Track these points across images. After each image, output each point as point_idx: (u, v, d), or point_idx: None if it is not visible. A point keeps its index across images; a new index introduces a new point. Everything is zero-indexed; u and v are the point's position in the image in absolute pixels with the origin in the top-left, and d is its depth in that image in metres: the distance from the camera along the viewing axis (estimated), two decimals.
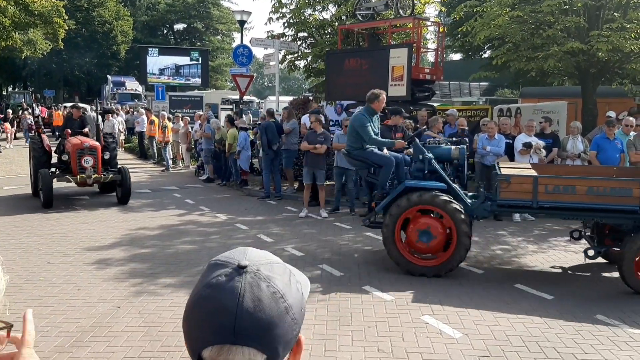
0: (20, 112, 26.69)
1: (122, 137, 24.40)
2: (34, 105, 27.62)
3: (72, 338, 5.33)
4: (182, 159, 19.22)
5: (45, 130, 17.35)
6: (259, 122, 16.18)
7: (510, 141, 11.11)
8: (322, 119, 11.66)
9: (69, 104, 34.10)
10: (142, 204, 12.52)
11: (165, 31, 63.73)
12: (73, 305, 6.22)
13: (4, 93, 59.47)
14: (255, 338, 0.91)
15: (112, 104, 31.48)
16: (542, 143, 10.96)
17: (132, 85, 38.90)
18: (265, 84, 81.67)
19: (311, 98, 18.28)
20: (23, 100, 29.30)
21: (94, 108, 16.55)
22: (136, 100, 34.82)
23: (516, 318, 5.95)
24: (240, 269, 0.95)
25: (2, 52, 32.84)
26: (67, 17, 31.04)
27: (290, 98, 20.17)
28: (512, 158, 10.95)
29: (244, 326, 0.91)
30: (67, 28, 31.44)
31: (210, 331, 0.93)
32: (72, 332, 5.46)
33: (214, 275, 0.96)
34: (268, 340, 0.92)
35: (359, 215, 11.31)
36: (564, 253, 8.74)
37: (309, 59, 19.09)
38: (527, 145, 10.70)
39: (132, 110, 25.72)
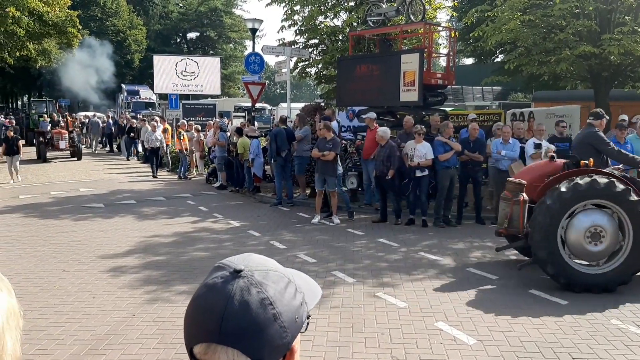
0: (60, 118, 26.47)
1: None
2: (57, 114, 27.71)
3: (87, 346, 5.38)
4: (196, 166, 19.34)
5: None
6: (271, 128, 16.27)
7: (524, 145, 11.07)
8: (332, 125, 11.65)
9: (82, 113, 34.55)
10: (157, 211, 12.61)
11: (178, 40, 64.34)
12: (88, 313, 6.27)
13: (20, 102, 60.22)
14: (240, 340, 0.94)
15: (127, 112, 31.73)
16: (553, 147, 10.91)
17: (146, 93, 39.21)
18: (277, 91, 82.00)
19: (323, 104, 18.34)
20: (45, 109, 29.49)
21: (111, 116, 16.78)
22: (150, 109, 35.10)
23: (530, 324, 5.92)
24: (236, 273, 0.99)
25: (17, 62, 33.28)
26: (80, 27, 31.39)
27: (302, 105, 20.22)
28: (525, 162, 10.91)
29: (229, 327, 0.94)
30: (81, 38, 31.82)
31: (199, 328, 0.98)
32: (88, 340, 5.51)
33: (213, 276, 1.01)
34: (253, 344, 0.94)
35: (371, 222, 11.32)
36: None
37: (320, 65, 19.16)
38: (537, 147, 10.65)
39: (146, 119, 25.88)
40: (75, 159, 24.23)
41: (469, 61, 48.13)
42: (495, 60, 32.95)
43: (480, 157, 11.13)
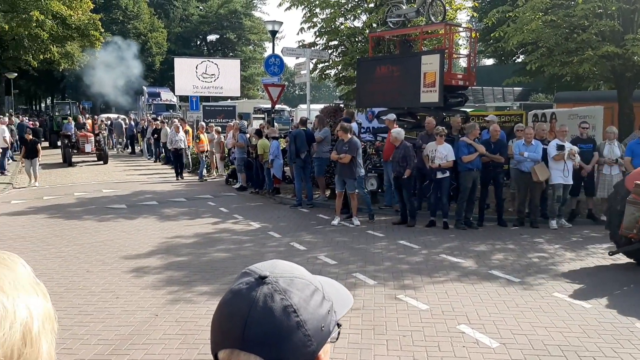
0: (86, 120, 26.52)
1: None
2: (81, 116, 27.98)
3: (111, 345, 5.44)
4: (216, 168, 19.46)
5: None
6: (290, 130, 16.31)
7: (547, 147, 10.96)
8: (350, 126, 11.62)
9: (104, 115, 34.95)
10: (178, 212, 12.71)
11: (198, 42, 64.80)
12: (112, 313, 6.35)
13: (43, 104, 61.14)
14: (262, 347, 0.94)
15: (149, 114, 31.98)
16: (576, 148, 10.80)
17: (167, 95, 39.54)
18: (296, 92, 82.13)
19: (342, 106, 18.34)
20: (68, 111, 29.85)
21: (133, 118, 16.91)
22: (171, 111, 35.38)
23: (554, 327, 5.86)
24: (260, 280, 0.99)
25: (40, 65, 33.83)
26: (103, 30, 31.78)
27: (322, 106, 20.24)
28: (547, 164, 10.82)
29: (252, 334, 0.94)
30: (103, 40, 32.21)
31: (223, 334, 0.98)
32: (111, 340, 5.57)
33: (239, 282, 1.01)
34: (275, 351, 0.94)
35: (392, 224, 11.29)
36: (603, 260, 8.57)
37: (340, 67, 19.18)
38: (560, 148, 10.55)
39: (167, 120, 26.12)
40: (102, 162, 23.56)
41: (489, 62, 47.80)
42: (516, 61, 32.66)
43: (501, 159, 11.04)
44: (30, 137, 18.02)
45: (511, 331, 5.75)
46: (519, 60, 31.43)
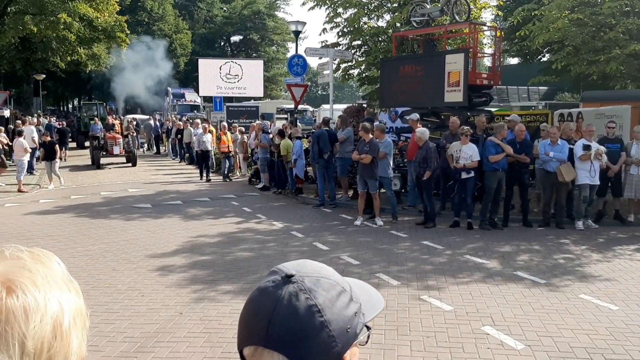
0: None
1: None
2: (110, 117, 28.28)
3: (136, 343, 5.51)
4: (240, 168, 19.57)
5: None
6: (313, 130, 16.33)
7: (573, 147, 10.81)
8: (370, 127, 11.59)
9: (130, 116, 35.35)
10: (202, 212, 12.82)
11: (222, 43, 65.28)
12: (138, 311, 6.43)
13: (71, 105, 62.09)
14: (285, 345, 0.94)
15: (173, 115, 32.26)
16: (603, 149, 10.63)
17: (191, 96, 39.87)
18: (319, 92, 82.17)
19: (365, 106, 18.31)
20: (95, 112, 30.26)
21: (158, 118, 17.03)
22: (195, 111, 35.67)
23: (580, 329, 5.78)
24: (287, 278, 0.99)
25: (68, 67, 34.40)
26: (129, 32, 32.18)
27: (344, 106, 20.23)
28: (573, 164, 10.67)
29: (276, 332, 0.94)
30: (129, 42, 32.62)
31: (249, 331, 0.99)
32: (137, 338, 5.64)
33: (267, 280, 1.01)
34: (298, 350, 0.94)
35: (415, 224, 11.24)
36: (630, 262, 8.42)
37: (363, 67, 19.14)
38: (587, 148, 10.39)
39: (190, 121, 26.33)
40: (130, 165, 22.92)
41: (514, 61, 47.28)
42: (541, 60, 32.28)
43: (526, 159, 10.91)
44: (48, 138, 17.85)
45: (537, 333, 5.68)
46: (545, 59, 31.08)
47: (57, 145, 17.91)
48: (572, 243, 9.65)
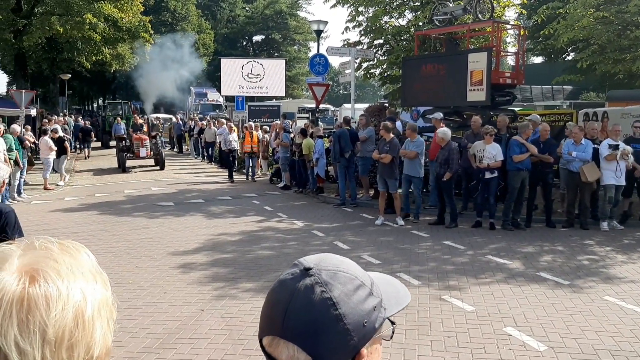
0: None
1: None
2: (137, 117, 28.46)
3: (159, 339, 5.57)
4: (261, 167, 19.64)
5: None
6: (334, 129, 16.32)
7: (598, 146, 10.65)
8: (392, 126, 11.55)
9: (154, 115, 35.70)
10: (223, 210, 12.91)
11: (244, 43, 65.55)
12: (160, 307, 6.49)
13: (95, 104, 62.90)
14: (300, 336, 0.95)
15: (196, 114, 32.47)
16: (629, 149, 10.46)
17: (214, 96, 40.13)
18: (340, 92, 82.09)
19: (387, 105, 18.25)
20: (120, 111, 30.55)
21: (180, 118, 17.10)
22: (217, 111, 35.89)
23: (604, 331, 5.69)
24: (305, 271, 1.00)
25: (93, 66, 34.84)
26: (152, 32, 32.48)
27: (366, 105, 20.18)
28: (598, 164, 10.52)
29: (291, 323, 0.96)
30: (153, 42, 32.92)
31: (267, 321, 1.00)
32: (159, 334, 5.70)
33: (287, 272, 1.03)
34: (312, 341, 0.95)
35: (428, 224, 11.17)
36: None
37: (385, 66, 19.07)
38: (614, 147, 10.23)
39: (213, 120, 26.49)
40: (158, 168, 21.28)
41: (538, 60, 46.72)
42: (566, 59, 31.86)
43: (550, 159, 10.78)
44: (57, 135, 17.81)
45: (560, 334, 5.62)
46: (569, 58, 30.67)
47: (66, 143, 18.17)
48: (597, 244, 9.51)
